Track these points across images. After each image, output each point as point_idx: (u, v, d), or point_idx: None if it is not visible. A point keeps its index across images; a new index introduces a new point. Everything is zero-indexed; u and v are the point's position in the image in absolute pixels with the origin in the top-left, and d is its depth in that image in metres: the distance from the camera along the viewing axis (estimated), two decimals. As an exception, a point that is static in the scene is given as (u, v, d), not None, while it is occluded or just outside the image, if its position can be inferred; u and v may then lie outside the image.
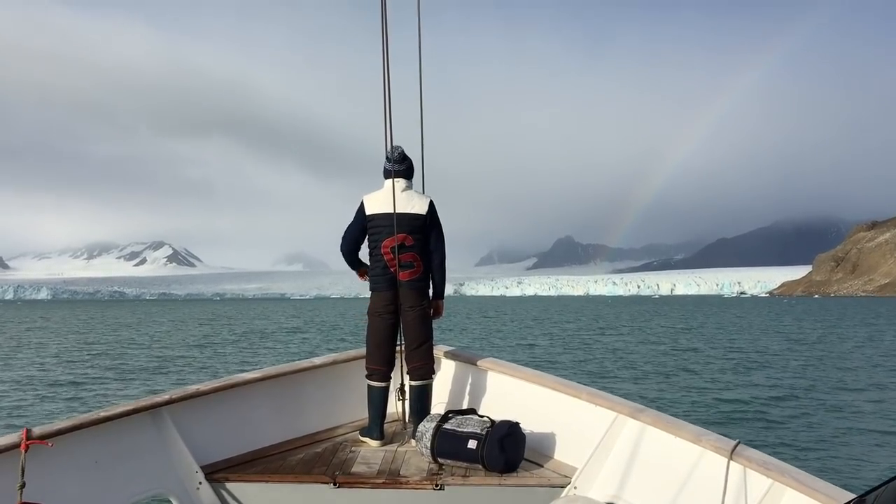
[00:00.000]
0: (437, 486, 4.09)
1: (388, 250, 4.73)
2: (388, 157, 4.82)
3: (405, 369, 4.94)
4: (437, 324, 5.04)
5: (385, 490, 4.12)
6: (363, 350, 4.98)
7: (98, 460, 3.79)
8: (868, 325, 49.45)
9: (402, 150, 4.86)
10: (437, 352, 5.17)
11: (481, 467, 4.23)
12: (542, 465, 4.39)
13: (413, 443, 4.60)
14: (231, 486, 4.18)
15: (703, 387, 17.03)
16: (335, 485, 4.12)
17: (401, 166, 4.83)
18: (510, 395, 4.85)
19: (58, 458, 3.59)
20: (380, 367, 4.82)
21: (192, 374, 20.78)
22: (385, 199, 4.77)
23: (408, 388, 4.95)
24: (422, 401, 4.87)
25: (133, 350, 29.87)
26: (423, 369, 4.87)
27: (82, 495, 3.68)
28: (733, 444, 3.49)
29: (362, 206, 4.86)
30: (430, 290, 4.95)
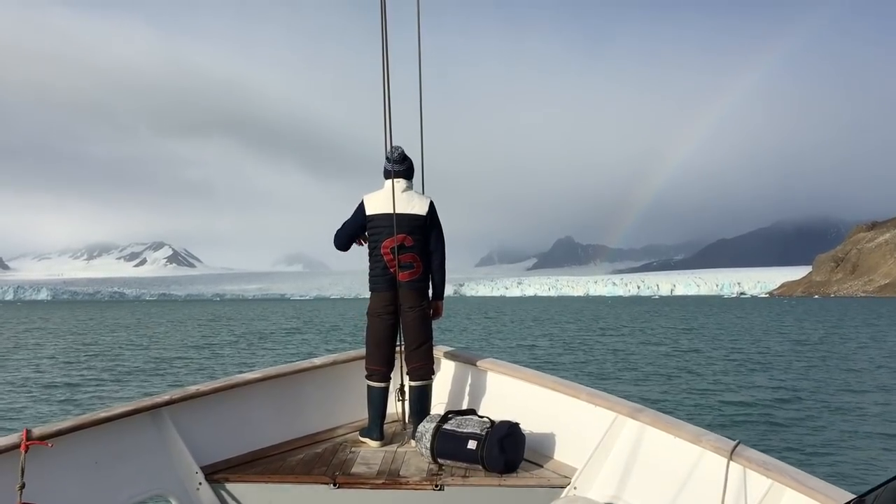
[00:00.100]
0: (436, 486, 4.10)
1: (388, 251, 4.73)
2: (388, 158, 4.81)
3: (405, 370, 4.94)
4: (436, 324, 5.04)
5: (385, 490, 4.12)
6: (363, 350, 4.98)
7: (98, 461, 3.79)
8: (870, 325, 49.40)
9: (403, 151, 4.85)
10: (437, 352, 5.18)
11: (481, 468, 4.23)
12: (541, 466, 4.39)
13: (413, 443, 4.61)
14: (231, 486, 4.18)
15: (705, 388, 17.01)
16: (335, 485, 4.12)
17: (401, 166, 4.82)
18: (510, 396, 4.85)
19: (58, 459, 3.59)
20: (379, 367, 4.82)
21: (189, 375, 20.70)
22: (385, 199, 4.76)
23: (407, 389, 4.95)
24: (421, 401, 4.87)
25: (130, 351, 29.74)
26: (423, 370, 4.87)
27: (82, 496, 3.68)
28: (733, 444, 3.50)
29: (362, 205, 4.85)
30: (430, 291, 4.95)
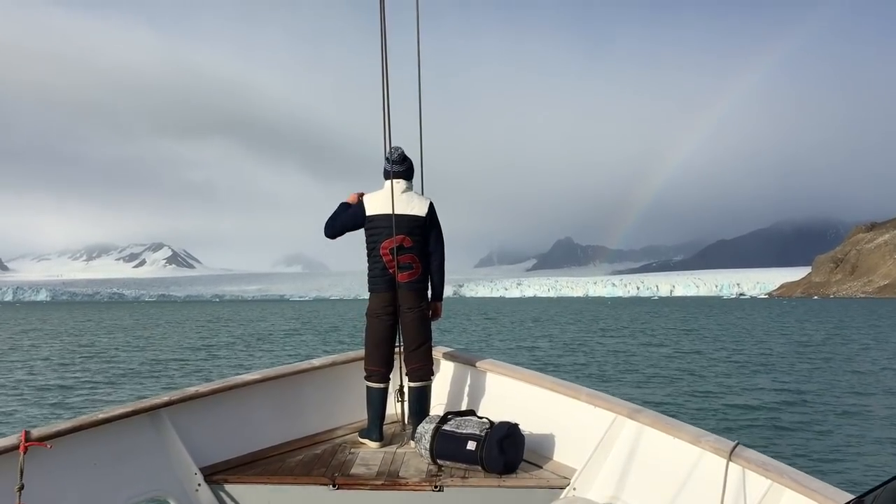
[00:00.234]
0: (436, 487, 4.09)
1: (387, 251, 4.73)
2: (387, 158, 4.81)
3: (404, 371, 4.94)
4: (435, 325, 5.04)
5: (384, 491, 4.12)
6: (362, 351, 4.98)
7: (97, 462, 3.79)
8: (872, 326, 49.29)
9: (402, 151, 4.85)
10: (436, 353, 5.18)
11: (480, 469, 4.23)
12: (541, 467, 4.39)
13: (412, 444, 4.60)
14: (230, 487, 4.18)
15: (707, 390, 16.97)
16: (334, 486, 4.12)
17: (400, 167, 4.81)
18: (509, 397, 4.85)
19: (56, 460, 3.59)
20: (379, 368, 4.82)
21: (185, 377, 20.49)
22: (385, 200, 4.75)
23: (407, 390, 4.95)
24: (421, 402, 4.87)
25: (126, 353, 29.50)
26: (422, 371, 4.87)
27: (81, 497, 3.68)
28: (732, 444, 3.50)
29: (361, 204, 4.85)
30: (429, 292, 4.95)
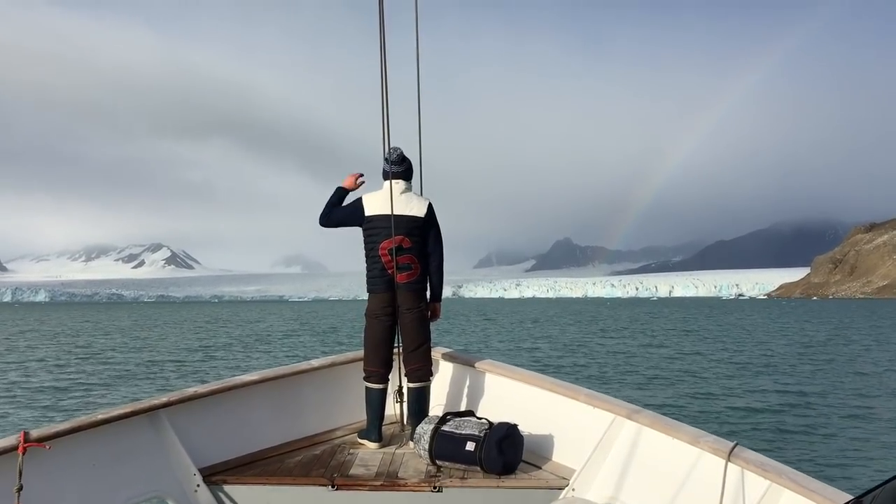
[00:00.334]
0: (435, 488, 4.09)
1: (386, 252, 4.72)
2: (386, 159, 4.81)
3: (403, 371, 4.94)
4: (434, 326, 5.04)
5: (383, 492, 4.12)
6: (361, 352, 4.98)
7: (96, 463, 3.78)
8: (873, 327, 49.17)
9: (401, 152, 4.84)
10: (435, 354, 5.18)
11: (479, 469, 4.23)
12: (540, 467, 4.39)
13: (411, 445, 4.60)
14: (229, 488, 4.17)
15: (707, 391, 16.94)
16: (333, 487, 4.12)
17: (399, 167, 4.81)
18: (508, 397, 4.85)
19: (55, 461, 3.58)
20: (378, 369, 4.82)
21: (180, 379, 20.28)
22: (384, 200, 4.74)
23: (406, 390, 4.95)
24: (420, 403, 4.87)
25: (123, 354, 29.27)
26: (421, 371, 4.87)
27: (80, 498, 3.67)
28: (731, 445, 3.50)
29: (361, 203, 4.82)
30: (428, 293, 4.95)
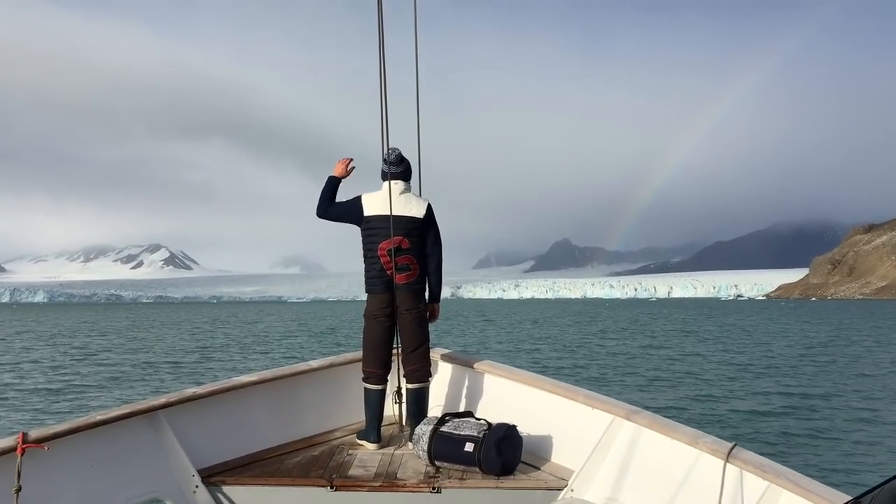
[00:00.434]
0: (433, 488, 4.09)
1: (385, 253, 4.72)
2: (385, 160, 4.81)
3: (402, 372, 4.94)
4: (433, 326, 5.04)
5: (382, 493, 4.12)
6: (360, 353, 4.98)
7: (94, 464, 3.78)
8: (874, 328, 49.09)
9: (400, 153, 4.84)
10: (434, 354, 5.18)
11: (478, 470, 4.23)
12: (538, 468, 4.39)
13: (410, 446, 4.60)
14: (228, 489, 4.17)
15: (708, 393, 16.90)
16: (332, 488, 4.12)
17: (398, 168, 4.81)
18: (507, 398, 4.85)
19: (54, 462, 3.58)
20: (376, 369, 4.81)
21: (176, 380, 20.12)
22: (383, 200, 4.73)
23: (405, 391, 4.95)
24: (419, 403, 4.86)
25: (119, 355, 29.06)
26: (420, 372, 4.87)
27: (78, 499, 3.67)
28: (729, 446, 3.50)
29: (360, 202, 4.80)
30: (427, 293, 4.95)
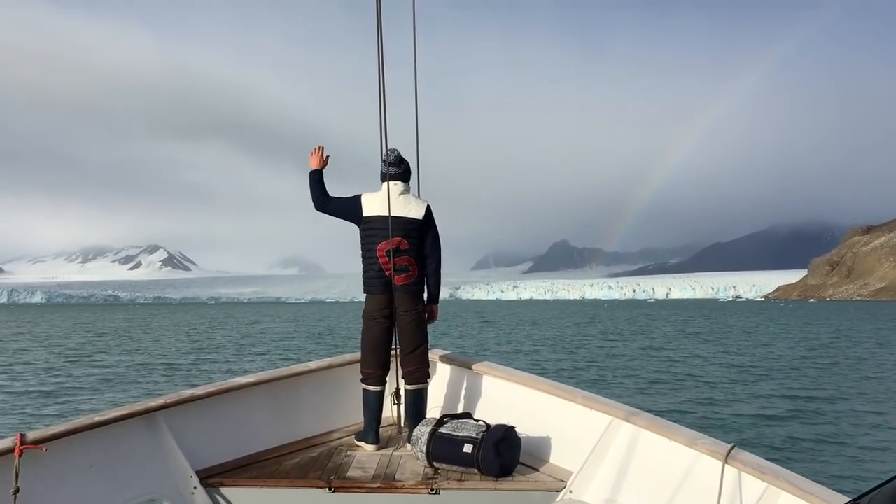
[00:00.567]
0: (432, 490, 4.09)
1: (383, 253, 4.72)
2: (384, 161, 4.80)
3: (400, 373, 4.93)
4: (431, 328, 5.04)
5: (380, 494, 4.11)
6: (358, 354, 4.97)
7: (92, 465, 3.78)
8: (875, 330, 48.99)
9: (399, 154, 4.83)
10: (433, 356, 5.17)
11: (477, 471, 4.23)
12: (537, 470, 4.39)
13: (408, 447, 4.60)
14: (226, 490, 4.16)
15: (708, 394, 16.89)
16: (330, 489, 4.11)
17: (397, 169, 4.80)
18: (506, 399, 4.85)
19: (52, 463, 3.57)
20: (375, 371, 4.81)
21: (168, 382, 19.93)
22: (382, 201, 4.73)
23: (403, 393, 4.95)
24: (417, 405, 4.86)
25: (114, 356, 28.82)
26: (419, 373, 4.86)
27: (77, 500, 3.66)
28: (728, 447, 3.50)
29: (360, 201, 4.80)
30: (425, 295, 4.95)
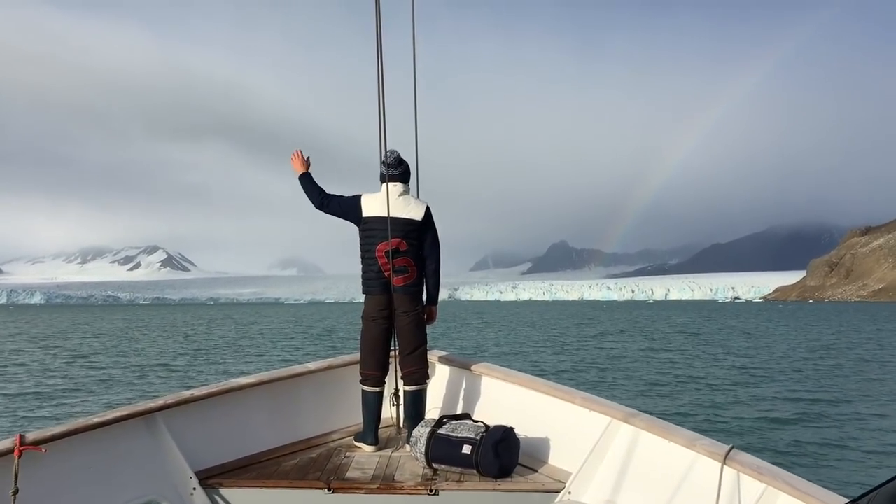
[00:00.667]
0: (431, 491, 4.09)
1: (383, 254, 4.72)
2: (383, 162, 4.80)
3: (399, 374, 4.94)
4: (430, 329, 5.04)
5: (379, 495, 4.12)
6: (357, 355, 4.98)
7: (92, 466, 3.78)
8: (875, 331, 48.94)
9: (398, 155, 4.83)
10: (432, 357, 5.18)
11: (476, 472, 4.23)
12: (536, 470, 4.39)
13: (407, 448, 4.60)
14: (225, 491, 4.17)
15: (708, 395, 16.89)
16: (329, 490, 4.11)
17: (396, 170, 4.80)
18: (505, 400, 4.86)
19: (51, 464, 3.57)
20: (374, 372, 4.81)
21: (164, 384, 19.75)
22: (382, 202, 4.73)
23: (402, 394, 4.95)
24: (416, 406, 4.87)
25: (111, 357, 28.62)
26: (418, 374, 4.87)
27: (76, 501, 3.66)
28: (727, 448, 3.51)
29: (359, 202, 4.79)
30: (425, 296, 4.95)
